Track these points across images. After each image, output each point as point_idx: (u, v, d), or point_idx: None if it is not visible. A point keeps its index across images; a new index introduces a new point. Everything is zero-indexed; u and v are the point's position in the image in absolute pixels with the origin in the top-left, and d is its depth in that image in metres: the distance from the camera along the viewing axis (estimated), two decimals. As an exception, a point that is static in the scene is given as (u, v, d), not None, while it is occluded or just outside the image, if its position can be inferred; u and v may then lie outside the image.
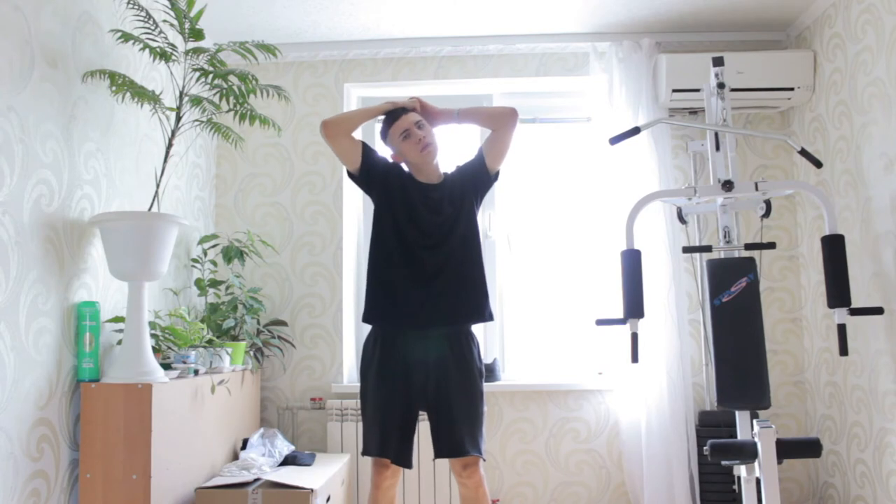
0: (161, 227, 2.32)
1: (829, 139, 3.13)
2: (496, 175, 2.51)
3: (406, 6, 3.18)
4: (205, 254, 3.17)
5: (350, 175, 2.47)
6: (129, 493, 2.18)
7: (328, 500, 2.66)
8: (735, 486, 3.07)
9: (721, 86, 2.78)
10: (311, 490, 2.44)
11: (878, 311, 2.44)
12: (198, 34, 2.50)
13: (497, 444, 3.37)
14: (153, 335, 2.51)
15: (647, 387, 3.23)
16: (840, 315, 2.44)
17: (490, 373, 3.35)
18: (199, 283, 3.09)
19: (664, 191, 2.86)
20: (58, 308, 2.21)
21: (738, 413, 2.61)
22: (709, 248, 2.77)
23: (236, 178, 3.54)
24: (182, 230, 2.95)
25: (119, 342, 2.45)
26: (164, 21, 2.56)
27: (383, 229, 2.41)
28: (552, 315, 3.61)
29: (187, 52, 2.54)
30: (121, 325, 2.41)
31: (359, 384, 2.47)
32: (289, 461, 2.90)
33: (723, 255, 2.73)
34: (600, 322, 2.66)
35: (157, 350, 2.49)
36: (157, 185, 2.54)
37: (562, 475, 3.36)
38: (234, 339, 3.04)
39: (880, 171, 2.74)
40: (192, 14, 2.47)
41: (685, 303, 3.32)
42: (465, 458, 2.29)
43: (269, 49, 2.59)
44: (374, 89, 3.61)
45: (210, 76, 2.57)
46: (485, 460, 2.35)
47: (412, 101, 2.49)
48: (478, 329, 2.48)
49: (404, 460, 2.34)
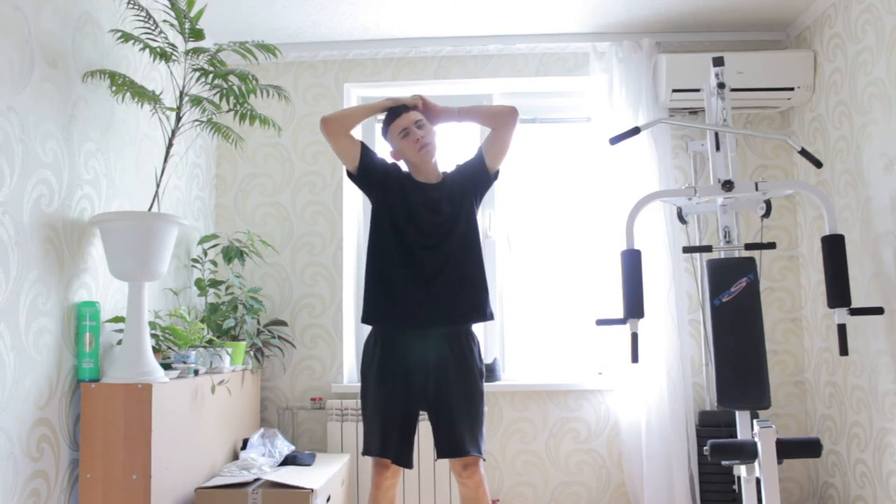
0: (161, 227, 2.32)
1: (829, 139, 3.13)
2: (496, 174, 2.50)
3: (406, 6, 3.18)
4: (205, 254, 3.18)
5: (349, 175, 2.46)
6: (129, 493, 2.18)
7: (328, 500, 2.66)
8: (735, 486, 3.07)
9: (721, 86, 2.78)
10: (312, 490, 2.44)
11: (879, 311, 2.44)
12: (198, 34, 2.50)
13: (497, 444, 3.37)
14: (153, 335, 2.51)
15: (647, 387, 3.23)
16: (840, 315, 2.45)
17: (490, 373, 3.35)
18: (199, 283, 3.09)
19: (664, 191, 2.86)
20: (58, 308, 2.21)
21: (738, 413, 2.61)
22: (709, 248, 2.77)
23: (236, 178, 3.54)
24: (182, 230, 2.95)
25: (119, 342, 2.45)
26: (164, 21, 2.56)
27: (382, 229, 2.40)
28: (552, 315, 3.61)
29: (187, 52, 2.54)
30: (121, 325, 2.41)
31: (359, 384, 2.47)
32: (289, 461, 2.90)
33: (723, 255, 2.73)
34: (600, 322, 2.66)
35: (157, 350, 2.49)
36: (157, 185, 2.54)
37: (562, 475, 3.36)
38: (235, 339, 3.04)
39: (880, 171, 2.74)
40: (192, 14, 2.47)
41: (685, 303, 3.32)
42: (466, 457, 2.29)
43: (269, 49, 2.59)
44: (374, 89, 3.61)
45: (210, 76, 2.57)
46: (485, 460, 2.35)
47: (414, 99, 2.48)
48: (478, 329, 2.48)
49: (404, 460, 2.34)
